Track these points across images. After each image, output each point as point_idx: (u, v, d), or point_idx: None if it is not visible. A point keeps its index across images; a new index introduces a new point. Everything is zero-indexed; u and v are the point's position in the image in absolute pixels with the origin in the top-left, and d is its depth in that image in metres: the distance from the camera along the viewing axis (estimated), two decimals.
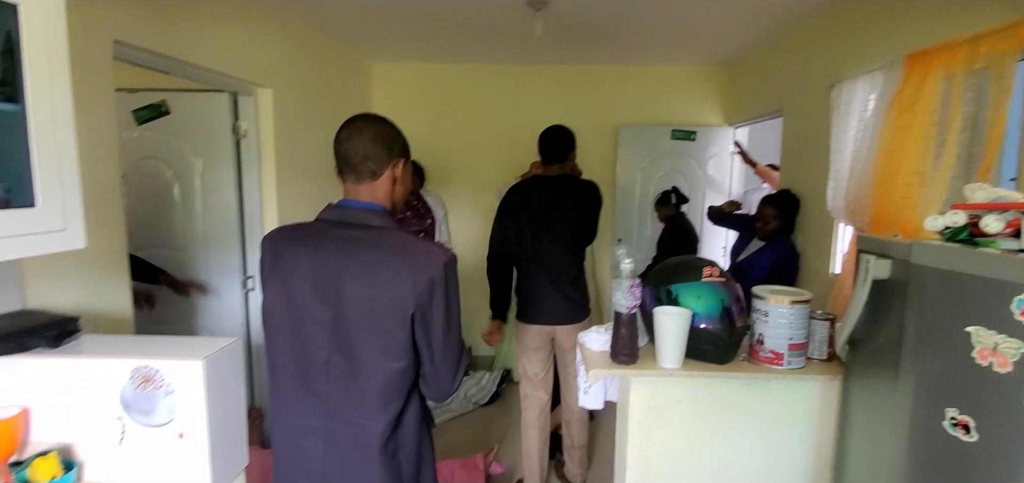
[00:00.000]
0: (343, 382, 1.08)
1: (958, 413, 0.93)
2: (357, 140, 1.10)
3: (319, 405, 1.10)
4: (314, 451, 1.12)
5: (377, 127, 1.14)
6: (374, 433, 1.08)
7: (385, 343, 1.05)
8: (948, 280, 0.97)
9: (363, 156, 1.10)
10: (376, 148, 1.11)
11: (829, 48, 2.71)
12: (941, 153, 1.91)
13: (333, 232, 1.09)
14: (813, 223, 2.82)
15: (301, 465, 1.14)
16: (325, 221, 1.12)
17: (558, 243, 2.28)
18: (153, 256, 2.79)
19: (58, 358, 1.32)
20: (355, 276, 1.05)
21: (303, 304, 1.08)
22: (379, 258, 1.06)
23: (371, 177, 1.12)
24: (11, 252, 1.07)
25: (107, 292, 1.75)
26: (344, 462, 1.10)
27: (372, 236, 1.08)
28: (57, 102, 1.14)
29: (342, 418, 1.09)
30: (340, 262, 1.06)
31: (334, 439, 1.10)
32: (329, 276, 1.06)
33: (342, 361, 1.07)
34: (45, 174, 1.12)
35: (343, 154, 1.12)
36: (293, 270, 1.08)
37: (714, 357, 1.46)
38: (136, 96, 2.71)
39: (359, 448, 1.09)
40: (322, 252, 1.07)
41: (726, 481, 1.55)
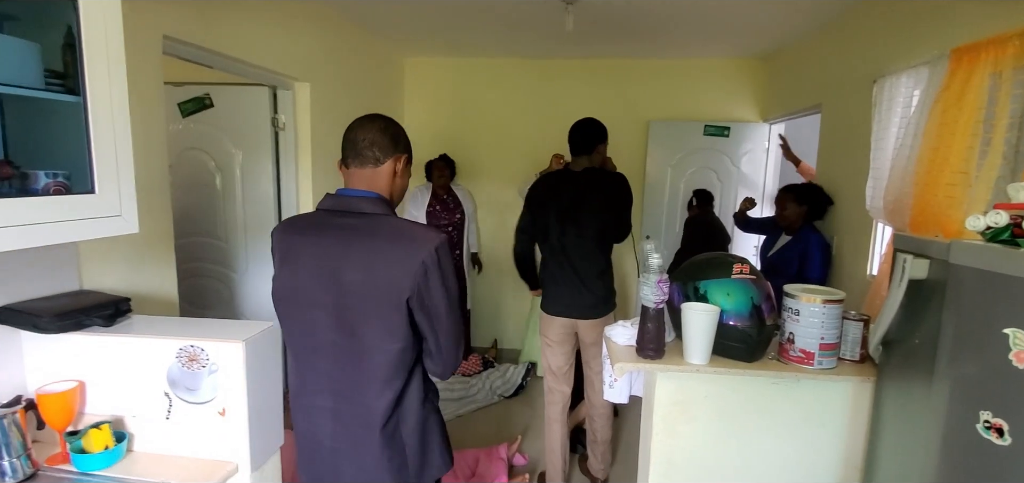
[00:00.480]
0: (346, 363, 1.14)
1: (992, 416, 0.91)
2: (367, 128, 1.17)
3: (326, 385, 1.17)
4: (325, 428, 1.19)
5: (386, 122, 1.21)
6: (376, 412, 1.14)
7: (384, 325, 1.10)
8: (987, 281, 0.94)
9: (370, 142, 1.16)
10: (383, 138, 1.17)
11: (872, 42, 2.62)
12: (987, 152, 1.83)
13: (332, 220, 1.15)
14: (850, 223, 2.74)
15: (317, 440, 1.22)
16: (324, 210, 1.18)
17: (585, 237, 2.28)
18: (196, 243, 2.93)
19: (112, 336, 1.41)
20: (353, 262, 1.10)
21: (307, 290, 1.14)
22: (374, 244, 1.11)
23: (374, 163, 1.17)
24: (73, 235, 1.15)
25: (155, 276, 1.85)
26: (351, 439, 1.17)
27: (368, 223, 1.13)
28: (114, 94, 1.22)
29: (347, 397, 1.16)
30: (339, 248, 1.11)
31: (340, 417, 1.17)
32: (329, 262, 1.11)
33: (345, 343, 1.13)
34: (103, 162, 1.20)
35: (351, 140, 1.17)
36: (298, 258, 1.14)
37: (742, 355, 1.45)
38: (181, 89, 2.83)
39: (364, 427, 1.16)
40: (322, 240, 1.13)
41: (751, 479, 1.53)
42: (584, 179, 2.32)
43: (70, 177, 1.17)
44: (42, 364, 1.42)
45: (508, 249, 4.38)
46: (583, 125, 2.36)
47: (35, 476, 1.29)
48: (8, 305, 1.35)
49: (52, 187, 1.14)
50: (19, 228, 1.04)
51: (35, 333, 1.35)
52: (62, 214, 1.12)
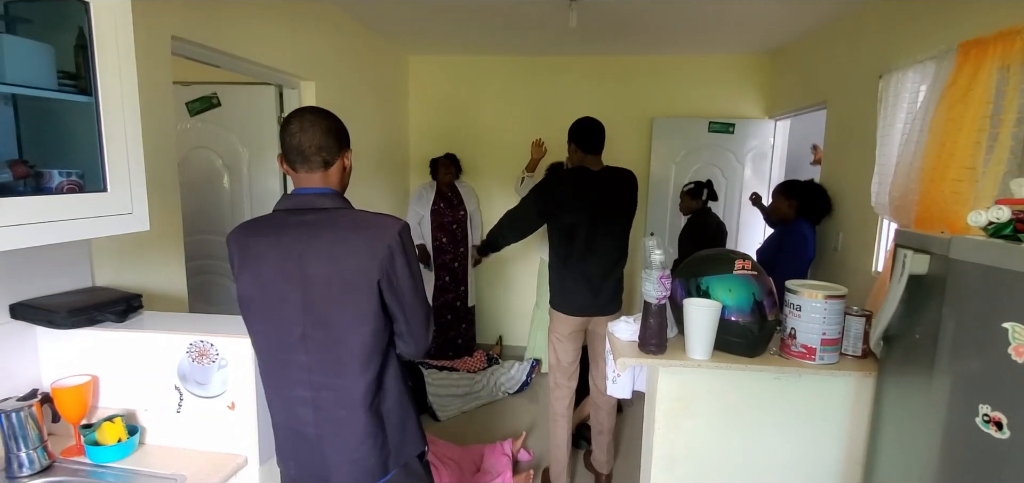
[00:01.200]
0: (321, 352, 1.17)
1: (991, 409, 0.91)
2: (311, 133, 1.16)
3: (303, 376, 1.19)
4: (306, 417, 1.22)
5: (328, 121, 1.20)
6: (357, 392, 1.18)
7: (355, 311, 1.14)
8: (987, 276, 0.95)
9: (317, 147, 1.17)
10: (328, 139, 1.18)
11: (878, 37, 2.61)
12: (994, 147, 1.82)
13: (290, 219, 1.17)
14: (855, 220, 2.74)
15: (298, 430, 1.24)
16: (281, 211, 1.20)
17: (612, 236, 2.30)
18: (204, 241, 2.96)
19: (124, 331, 1.44)
20: (317, 255, 1.13)
21: (273, 288, 1.16)
22: (337, 236, 1.14)
23: (324, 167, 1.19)
24: (86, 232, 1.18)
25: (165, 273, 1.88)
26: (334, 422, 1.20)
27: (327, 217, 1.17)
28: (125, 94, 1.24)
29: (325, 385, 1.19)
30: (301, 245, 1.14)
31: (321, 404, 1.20)
32: (292, 259, 1.14)
33: (318, 333, 1.16)
34: (114, 161, 1.22)
35: (297, 146, 1.17)
36: (260, 259, 1.17)
37: (744, 350, 1.46)
38: (189, 89, 2.86)
39: (345, 407, 1.19)
40: (283, 239, 1.15)
41: (753, 474, 1.54)
42: (607, 178, 2.32)
43: (83, 176, 1.20)
44: (57, 359, 1.45)
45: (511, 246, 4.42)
46: (597, 124, 2.35)
47: (51, 467, 1.32)
48: (24, 301, 1.38)
49: (66, 186, 1.16)
50: (35, 226, 1.06)
51: (50, 328, 1.38)
52: (76, 212, 1.15)
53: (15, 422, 1.27)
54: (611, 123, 2.47)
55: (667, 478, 1.53)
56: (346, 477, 1.23)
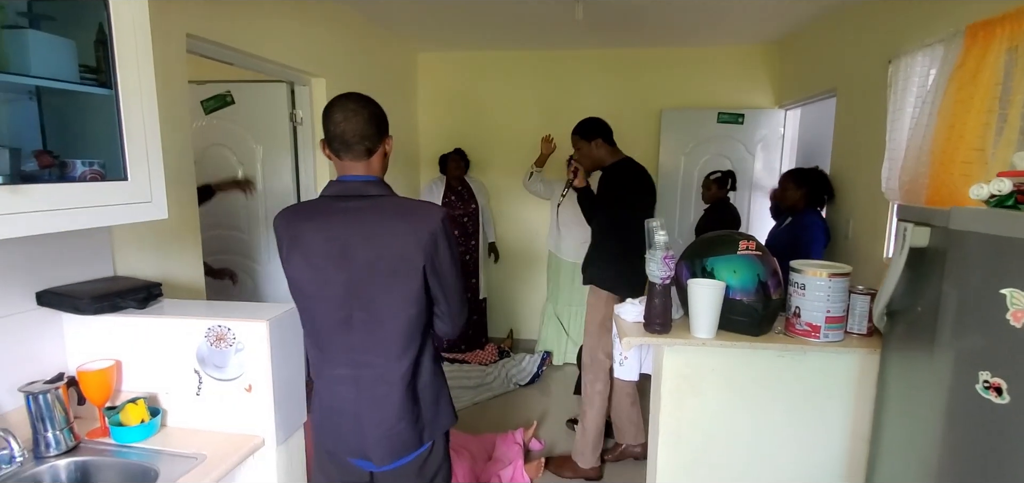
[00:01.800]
0: (365, 333, 1.22)
1: (991, 376, 0.92)
2: (354, 121, 1.20)
3: (346, 356, 1.24)
4: (347, 394, 1.26)
5: (370, 108, 1.23)
6: (397, 372, 1.23)
7: (399, 294, 1.19)
8: (986, 244, 0.96)
9: (360, 136, 1.21)
10: (370, 128, 1.22)
11: (886, 22, 2.59)
12: (1003, 128, 1.81)
13: (336, 205, 1.22)
14: (866, 206, 2.72)
15: (339, 408, 1.29)
16: (328, 197, 1.25)
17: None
18: (220, 236, 3.03)
19: (145, 317, 1.49)
20: (363, 240, 1.18)
21: (321, 271, 1.20)
22: (382, 222, 1.19)
23: (367, 155, 1.23)
24: (108, 219, 1.23)
25: (182, 264, 1.93)
26: (372, 399, 1.25)
27: (373, 204, 1.21)
28: (143, 88, 1.29)
29: (367, 364, 1.24)
30: (348, 230, 1.19)
31: (361, 382, 1.25)
32: (340, 243, 1.19)
33: (362, 315, 1.21)
34: (134, 152, 1.27)
35: (340, 135, 1.21)
36: (309, 243, 1.21)
37: (748, 329, 1.47)
38: (203, 88, 2.93)
39: (385, 384, 1.24)
40: (331, 223, 1.20)
41: (758, 450, 1.55)
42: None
43: (104, 165, 1.25)
44: (82, 344, 1.50)
45: (522, 240, 4.45)
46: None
47: (77, 448, 1.38)
48: (50, 289, 1.43)
49: (88, 175, 1.21)
50: (61, 212, 1.11)
51: (75, 314, 1.44)
52: (98, 199, 1.20)
53: (42, 404, 1.33)
54: (620, 116, 2.51)
55: (673, 455, 1.55)
56: (384, 450, 1.28)
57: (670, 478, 1.59)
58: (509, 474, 2.60)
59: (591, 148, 2.47)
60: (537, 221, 4.38)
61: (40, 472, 1.32)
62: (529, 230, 4.42)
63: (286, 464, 1.53)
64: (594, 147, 2.46)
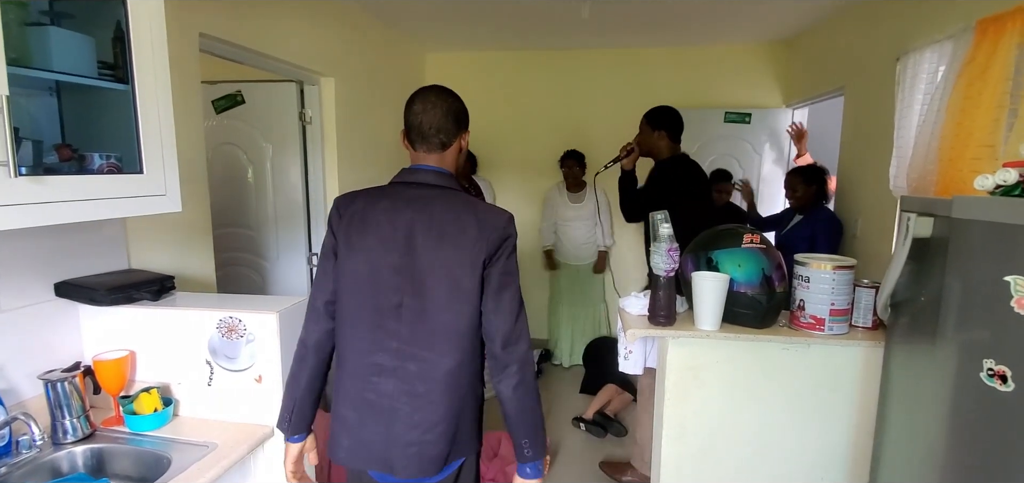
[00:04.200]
0: (414, 323, 1.18)
1: (995, 363, 0.93)
2: (432, 114, 1.20)
3: (391, 344, 1.18)
4: (385, 387, 1.19)
5: (449, 101, 1.23)
6: (441, 370, 1.18)
7: (455, 288, 1.15)
8: (989, 232, 0.96)
9: (437, 129, 1.21)
10: (448, 122, 1.22)
11: (895, 19, 2.59)
12: (1013, 123, 1.80)
13: (407, 192, 1.21)
14: (874, 204, 2.71)
15: (371, 401, 1.21)
16: (399, 183, 1.24)
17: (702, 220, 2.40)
18: (229, 234, 3.07)
19: (158, 309, 1.53)
20: (427, 228, 1.16)
21: (380, 254, 1.18)
22: (449, 213, 1.17)
23: (441, 148, 1.23)
24: (124, 211, 1.26)
25: (194, 259, 1.97)
26: (412, 395, 1.19)
27: (442, 195, 1.20)
28: (159, 84, 1.32)
29: (412, 355, 1.18)
30: (414, 216, 1.17)
31: (403, 374, 1.19)
32: (404, 228, 1.17)
33: (415, 304, 1.17)
34: (149, 146, 1.30)
35: (418, 126, 1.21)
36: (372, 223, 1.19)
37: (752, 321, 1.48)
38: (215, 87, 2.97)
39: (426, 382, 1.18)
40: (397, 207, 1.19)
41: (762, 442, 1.56)
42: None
43: (121, 159, 1.28)
44: (97, 334, 1.54)
45: (529, 238, 4.46)
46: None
47: (92, 435, 1.41)
48: (67, 280, 1.47)
49: (106, 167, 1.24)
50: (80, 203, 1.14)
51: (91, 305, 1.48)
52: (115, 191, 1.23)
53: (60, 392, 1.36)
54: (626, 115, 2.51)
55: (677, 447, 1.55)
56: (411, 461, 1.19)
57: (675, 470, 1.60)
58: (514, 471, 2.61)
59: (653, 137, 2.46)
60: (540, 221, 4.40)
61: (58, 458, 1.35)
62: (534, 230, 4.44)
63: None
64: (656, 137, 2.45)
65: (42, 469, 1.32)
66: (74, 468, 1.37)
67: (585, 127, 4.15)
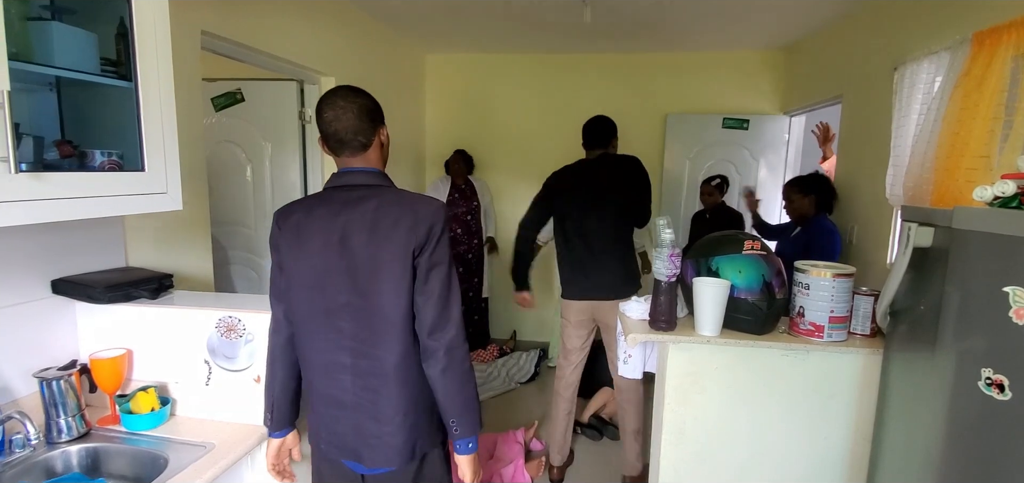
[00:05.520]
0: (361, 321, 1.21)
1: (993, 373, 0.94)
2: (345, 119, 1.20)
3: (344, 343, 1.23)
4: (346, 383, 1.25)
5: (360, 101, 1.23)
6: (387, 362, 1.21)
7: (393, 284, 1.18)
8: (989, 243, 0.97)
9: (353, 131, 1.21)
10: (362, 123, 1.22)
11: (893, 29, 2.61)
12: (1008, 134, 1.82)
13: (337, 195, 1.23)
14: (870, 212, 2.73)
15: (337, 397, 1.26)
16: (331, 188, 1.26)
17: (605, 221, 2.34)
18: (227, 232, 3.06)
19: (157, 307, 1.51)
20: (361, 228, 1.18)
21: (321, 258, 1.21)
22: (381, 209, 1.19)
23: (362, 149, 1.24)
24: (125, 208, 1.25)
25: (192, 257, 1.96)
26: (369, 390, 1.24)
27: (372, 193, 1.22)
28: (162, 81, 1.31)
29: (363, 353, 1.22)
30: (347, 216, 1.19)
31: (358, 371, 1.24)
32: (339, 231, 1.19)
33: (358, 301, 1.20)
34: (152, 143, 1.30)
35: (333, 134, 1.21)
36: (310, 231, 1.22)
37: (752, 327, 1.48)
38: (214, 85, 2.96)
39: (378, 377, 1.22)
40: (333, 211, 1.21)
41: (761, 448, 1.57)
42: (599, 164, 2.39)
43: (122, 156, 1.27)
44: (94, 333, 1.53)
45: None
46: (597, 120, 2.47)
47: (88, 434, 1.40)
48: (64, 278, 1.46)
49: (107, 164, 1.24)
50: (81, 200, 1.14)
51: (88, 303, 1.46)
52: (116, 189, 1.22)
53: (56, 390, 1.35)
54: (625, 120, 2.53)
55: (676, 452, 1.56)
56: (376, 452, 1.25)
57: (673, 474, 1.60)
58: (510, 473, 2.61)
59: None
60: None
61: (52, 457, 1.34)
62: None
63: None
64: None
65: (36, 469, 1.31)
66: (69, 468, 1.35)
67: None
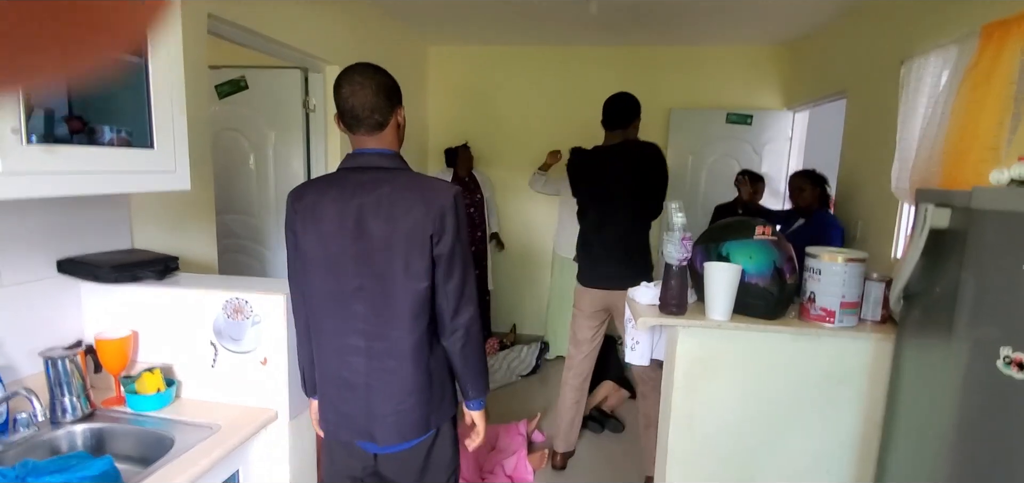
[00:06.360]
0: (375, 304, 1.22)
1: (1012, 351, 0.93)
2: (362, 95, 1.19)
3: (358, 325, 1.23)
4: (358, 365, 1.25)
5: (378, 79, 1.22)
6: (407, 345, 1.22)
7: (408, 267, 1.18)
8: (1008, 221, 0.97)
9: (370, 109, 1.20)
10: (380, 101, 1.21)
11: (899, 23, 2.61)
12: (1017, 126, 1.82)
13: (353, 177, 1.22)
14: (876, 206, 2.73)
15: (347, 379, 1.27)
16: (345, 169, 1.25)
17: (622, 210, 2.31)
18: (230, 220, 3.04)
19: (163, 288, 1.51)
20: (376, 211, 1.18)
21: (335, 241, 1.21)
22: (395, 193, 1.18)
23: (378, 128, 1.23)
24: (134, 185, 1.24)
25: (197, 241, 1.95)
26: (383, 371, 1.24)
27: (387, 176, 1.21)
28: (172, 59, 1.30)
29: (378, 335, 1.23)
30: (362, 200, 1.19)
31: (373, 353, 1.24)
32: (353, 214, 1.19)
33: (373, 285, 1.20)
34: (161, 121, 1.29)
35: (350, 110, 1.20)
36: (324, 213, 1.21)
37: (763, 312, 1.48)
38: (218, 72, 2.94)
39: (395, 358, 1.23)
40: (346, 194, 1.20)
41: (770, 432, 1.56)
42: (620, 152, 2.33)
43: (131, 133, 1.26)
44: (99, 313, 1.52)
45: (529, 234, 4.46)
46: (619, 98, 2.37)
47: (93, 415, 1.39)
48: (70, 257, 1.45)
49: (116, 141, 1.22)
50: (90, 174, 1.13)
51: (94, 283, 1.45)
52: (125, 165, 1.21)
53: (61, 369, 1.34)
54: None
55: (685, 438, 1.55)
56: (390, 429, 1.26)
57: (682, 460, 1.60)
58: (512, 464, 2.61)
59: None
60: (541, 217, 4.39)
61: (57, 437, 1.33)
62: (533, 226, 4.44)
63: (298, 438, 1.54)
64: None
65: (41, 447, 1.30)
66: (73, 447, 1.34)
67: (589, 125, 4.13)
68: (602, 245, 2.35)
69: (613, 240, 2.33)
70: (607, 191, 2.32)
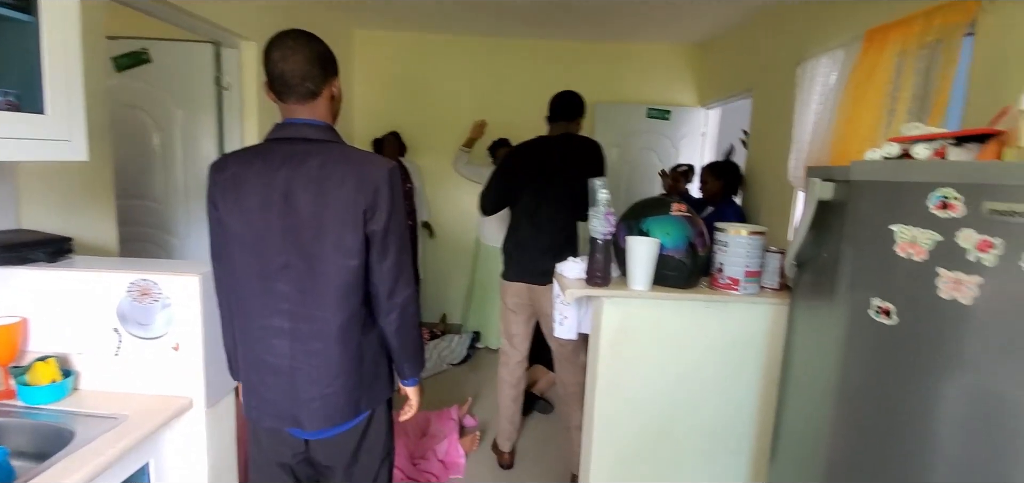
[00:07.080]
0: (302, 283, 1.15)
1: (881, 301, 1.09)
2: (293, 61, 1.13)
3: (282, 306, 1.17)
4: (282, 348, 1.19)
5: (312, 46, 1.16)
6: (334, 325, 1.17)
7: (338, 243, 1.13)
8: (879, 190, 1.13)
9: (301, 77, 1.14)
10: (313, 69, 1.15)
11: (797, 27, 2.87)
12: (891, 121, 2.08)
13: (280, 148, 1.16)
14: (775, 193, 3.00)
15: (271, 363, 1.21)
16: (272, 140, 1.19)
17: (558, 202, 2.28)
18: (132, 206, 2.79)
19: (58, 271, 1.37)
20: (305, 185, 1.12)
21: (259, 216, 1.14)
22: (327, 166, 1.12)
23: (310, 97, 1.17)
24: (22, 153, 1.12)
25: (94, 223, 1.78)
26: (308, 354, 1.19)
27: (317, 148, 1.15)
28: (67, 18, 1.19)
29: (304, 316, 1.17)
30: (290, 173, 1.12)
31: (298, 335, 1.18)
32: (280, 188, 1.12)
33: (300, 263, 1.15)
34: (54, 85, 1.17)
35: (279, 75, 1.14)
36: (248, 186, 1.14)
37: (678, 282, 1.61)
38: (116, 43, 2.68)
39: (321, 339, 1.18)
40: (272, 166, 1.14)
41: (686, 393, 1.71)
42: (562, 143, 2.32)
43: (20, 97, 1.14)
44: None
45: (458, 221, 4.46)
46: (567, 94, 2.37)
47: None
48: None
49: (3, 104, 1.10)
50: None
51: None
52: (12, 131, 1.09)
53: None
54: None
55: (611, 402, 1.66)
56: (317, 415, 1.21)
57: (607, 421, 1.70)
58: (444, 448, 2.62)
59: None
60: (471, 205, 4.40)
61: None
62: (462, 215, 4.45)
63: (216, 427, 1.47)
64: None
65: None
66: None
67: (513, 115, 4.19)
68: (534, 231, 2.30)
69: (546, 226, 2.29)
70: (545, 179, 2.29)
